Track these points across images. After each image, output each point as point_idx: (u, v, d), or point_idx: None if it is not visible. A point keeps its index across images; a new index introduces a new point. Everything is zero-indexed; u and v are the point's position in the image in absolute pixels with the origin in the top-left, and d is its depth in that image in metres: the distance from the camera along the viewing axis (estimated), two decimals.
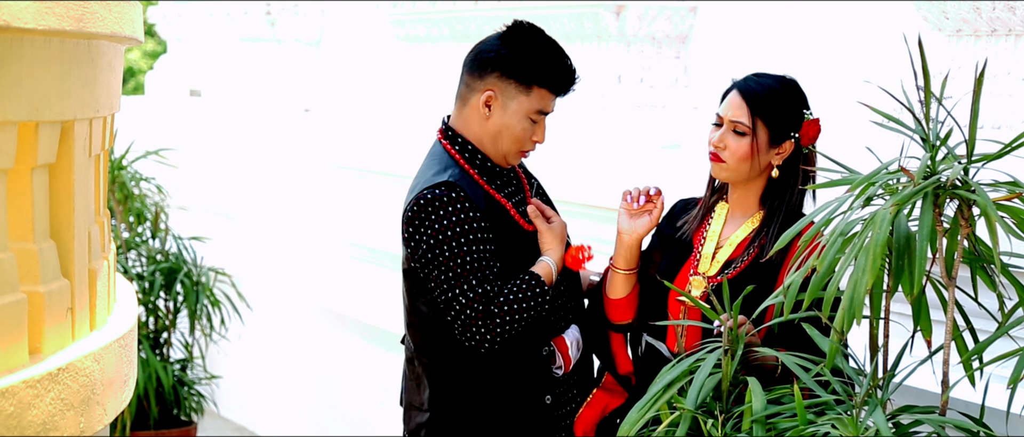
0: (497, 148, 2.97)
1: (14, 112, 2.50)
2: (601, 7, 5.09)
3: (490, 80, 2.93)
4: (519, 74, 2.91)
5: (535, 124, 2.96)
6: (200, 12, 8.77)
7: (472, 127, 2.97)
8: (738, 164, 2.88)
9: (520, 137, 2.95)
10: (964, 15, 3.73)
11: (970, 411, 2.59)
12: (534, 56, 2.92)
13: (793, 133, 2.87)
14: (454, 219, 2.87)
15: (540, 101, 2.94)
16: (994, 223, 2.27)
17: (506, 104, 2.93)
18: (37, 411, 2.47)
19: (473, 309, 2.85)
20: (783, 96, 2.87)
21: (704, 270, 2.92)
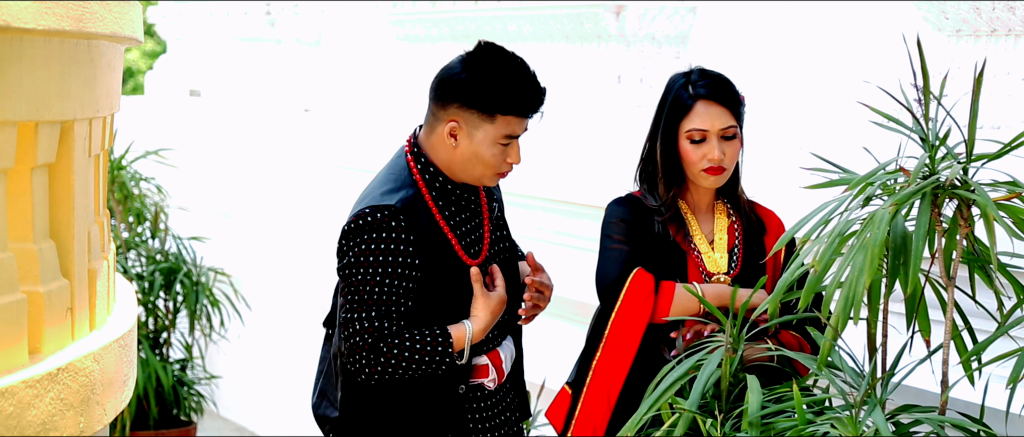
0: (469, 174, 2.91)
1: (14, 112, 2.50)
2: (601, 7, 5.09)
3: (452, 110, 2.86)
4: (480, 103, 2.83)
5: (506, 148, 2.88)
6: (200, 12, 8.77)
7: (440, 154, 2.91)
8: (733, 165, 2.96)
9: (492, 163, 2.89)
10: (964, 15, 3.73)
11: (969, 411, 2.59)
12: (494, 84, 2.83)
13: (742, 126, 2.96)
14: (383, 247, 2.82)
15: (506, 127, 2.86)
16: (993, 223, 2.27)
17: (471, 134, 2.86)
18: (37, 411, 2.47)
19: (362, 339, 2.82)
20: (733, 86, 2.96)
21: (716, 270, 2.94)
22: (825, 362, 2.47)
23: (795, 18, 4.49)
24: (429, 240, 2.88)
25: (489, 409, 3.04)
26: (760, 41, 4.61)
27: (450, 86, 2.86)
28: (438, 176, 2.92)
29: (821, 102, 4.25)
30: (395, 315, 2.83)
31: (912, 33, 3.61)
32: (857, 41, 4.21)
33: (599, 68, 5.26)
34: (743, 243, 2.95)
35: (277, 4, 7.81)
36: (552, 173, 5.12)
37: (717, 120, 2.90)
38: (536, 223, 5.12)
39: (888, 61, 3.86)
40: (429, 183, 2.92)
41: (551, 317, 5.05)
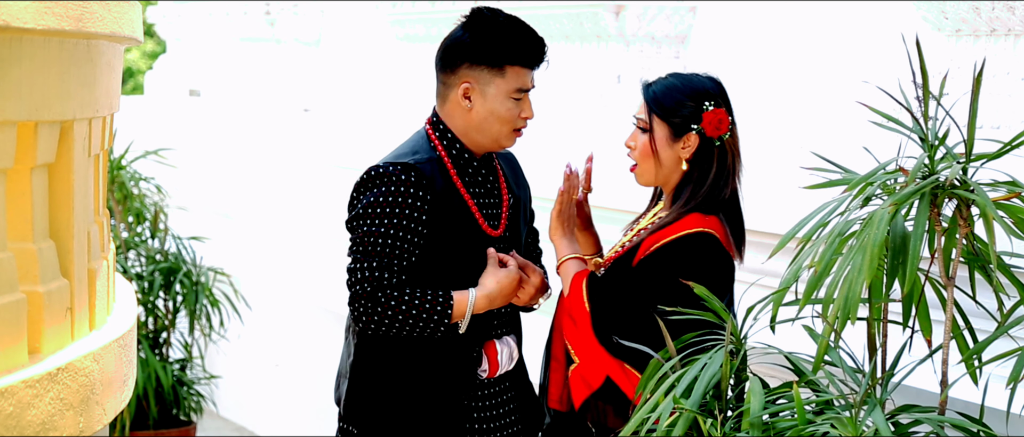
0: (487, 135, 2.97)
1: (13, 112, 2.50)
2: (601, 7, 5.09)
3: (462, 72, 2.94)
4: (489, 58, 2.92)
5: (519, 102, 2.96)
6: (200, 12, 8.78)
7: (456, 121, 2.99)
8: (643, 162, 2.94)
9: (507, 118, 2.96)
10: (963, 15, 3.73)
11: (969, 411, 2.59)
12: (498, 37, 2.92)
13: (693, 125, 2.88)
14: (391, 199, 2.88)
15: (516, 79, 2.94)
16: (992, 222, 2.27)
17: (484, 91, 2.94)
18: (36, 411, 2.47)
19: (362, 287, 2.88)
20: (680, 91, 2.91)
21: (609, 255, 3.01)
22: (820, 362, 2.47)
23: (795, 18, 4.49)
24: (448, 205, 2.94)
25: (485, 399, 3.05)
26: (760, 41, 4.61)
27: (456, 49, 2.95)
28: (456, 143, 2.99)
29: (821, 102, 4.25)
30: (396, 268, 2.88)
31: (912, 33, 3.61)
32: (857, 41, 4.21)
33: (599, 68, 5.26)
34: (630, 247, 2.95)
35: (277, 4, 7.81)
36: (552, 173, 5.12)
37: (638, 109, 2.96)
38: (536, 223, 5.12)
39: (888, 61, 3.86)
40: (448, 149, 2.99)
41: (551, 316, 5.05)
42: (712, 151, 2.90)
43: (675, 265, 2.81)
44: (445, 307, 2.91)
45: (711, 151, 2.90)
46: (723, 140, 2.90)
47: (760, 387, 2.49)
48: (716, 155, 2.90)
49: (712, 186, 2.89)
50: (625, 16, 5.05)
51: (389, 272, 2.88)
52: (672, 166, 2.92)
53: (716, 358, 2.57)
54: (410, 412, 2.99)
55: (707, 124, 2.88)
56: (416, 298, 2.89)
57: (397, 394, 2.99)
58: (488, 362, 3.04)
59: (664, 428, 2.53)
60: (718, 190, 2.90)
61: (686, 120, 2.89)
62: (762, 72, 4.54)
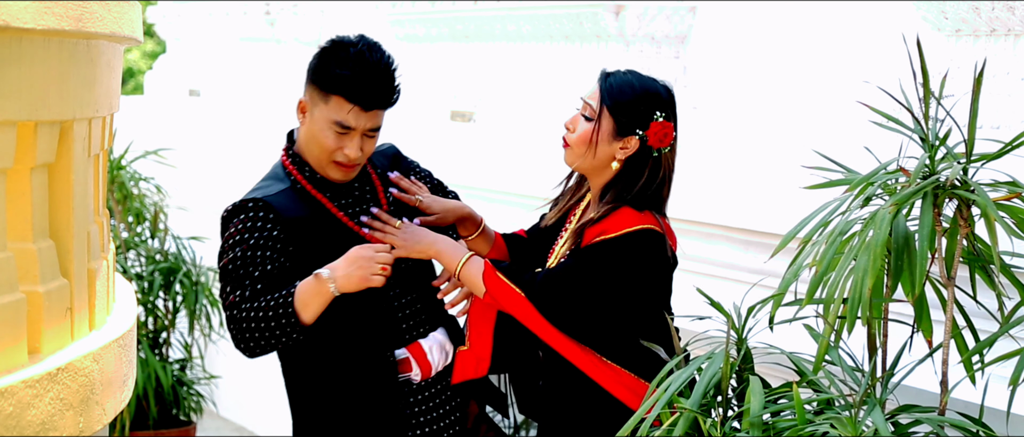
0: (311, 155, 2.98)
1: (13, 112, 2.50)
2: (601, 7, 5.09)
3: (306, 88, 2.96)
4: (321, 81, 2.90)
5: (341, 136, 2.91)
6: (200, 12, 8.77)
7: (301, 137, 3.01)
8: (578, 147, 2.93)
9: (325, 146, 2.92)
10: (963, 15, 3.73)
11: (969, 411, 2.59)
12: (335, 64, 2.87)
13: (639, 130, 2.88)
14: (244, 235, 2.91)
15: (338, 110, 2.88)
16: (993, 223, 2.26)
17: (313, 111, 2.93)
18: (36, 411, 2.47)
19: (228, 314, 2.92)
20: (637, 92, 2.91)
21: (559, 254, 2.99)
22: (821, 362, 2.47)
23: (795, 18, 4.49)
24: (314, 226, 2.94)
25: (425, 402, 3.04)
26: (760, 41, 4.61)
27: (309, 66, 2.96)
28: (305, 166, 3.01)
29: (821, 102, 4.25)
30: (248, 284, 2.88)
31: (912, 33, 3.61)
32: (857, 41, 4.21)
33: (599, 68, 5.26)
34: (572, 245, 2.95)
35: (277, 4, 7.81)
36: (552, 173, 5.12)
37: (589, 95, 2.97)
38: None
39: (888, 61, 3.86)
40: (300, 170, 3.00)
41: None
42: (647, 159, 2.90)
43: (622, 261, 2.81)
44: (287, 302, 2.85)
45: (646, 159, 2.90)
46: (662, 153, 2.90)
47: (760, 387, 2.49)
48: (650, 164, 2.89)
49: (643, 188, 2.89)
50: (625, 16, 5.05)
51: (243, 289, 2.89)
52: (604, 161, 2.91)
53: (716, 358, 2.57)
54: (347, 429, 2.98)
55: (652, 133, 2.88)
56: (263, 302, 2.88)
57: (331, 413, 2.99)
58: (419, 365, 3.01)
59: (665, 428, 2.53)
60: (647, 192, 2.89)
61: (633, 122, 2.89)
62: (762, 72, 4.54)
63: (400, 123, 6.48)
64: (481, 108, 5.94)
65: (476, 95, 6.01)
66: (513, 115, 5.70)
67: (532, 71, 5.59)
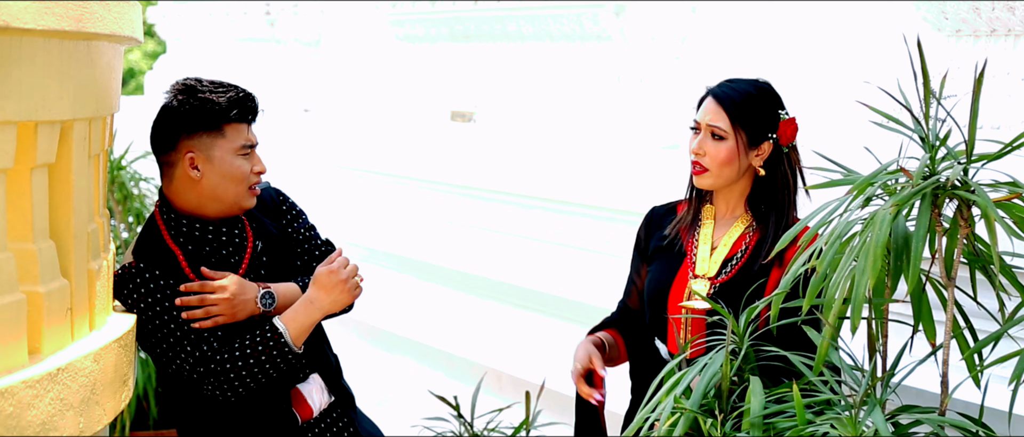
0: (224, 201, 2.97)
1: (13, 112, 2.50)
2: (601, 7, 5.09)
3: (183, 144, 2.95)
4: (203, 123, 2.93)
5: (248, 158, 2.96)
6: (200, 12, 8.78)
7: (188, 196, 2.98)
8: (719, 170, 2.91)
9: (240, 176, 2.96)
10: (963, 15, 3.73)
11: (969, 411, 2.59)
12: (206, 101, 2.93)
13: (771, 134, 2.91)
14: (152, 289, 2.93)
15: (237, 135, 2.95)
16: (994, 223, 2.26)
17: (210, 155, 2.94)
18: (36, 411, 2.47)
19: (200, 369, 2.91)
20: (758, 99, 2.93)
21: (703, 272, 2.93)
22: (822, 362, 2.47)
23: (795, 18, 4.49)
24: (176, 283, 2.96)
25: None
26: (760, 41, 4.61)
27: (169, 124, 2.97)
28: (188, 221, 2.99)
29: (822, 102, 4.25)
30: (198, 338, 2.91)
31: (912, 33, 3.61)
32: (857, 41, 4.21)
33: (599, 68, 5.26)
34: (751, 254, 2.92)
35: (277, 4, 7.81)
36: (552, 173, 5.12)
37: (708, 115, 2.92)
38: (536, 223, 5.11)
39: (888, 61, 3.86)
40: (174, 227, 3.00)
41: (551, 317, 5.05)
42: (781, 157, 2.93)
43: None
44: (278, 341, 2.91)
45: (780, 158, 2.93)
46: (792, 147, 2.94)
47: (760, 387, 2.49)
48: (785, 161, 2.93)
49: (792, 189, 2.93)
50: (625, 16, 5.05)
51: (204, 343, 2.90)
52: (741, 173, 2.93)
53: (716, 358, 2.57)
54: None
55: (782, 133, 2.92)
56: (247, 347, 2.91)
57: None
58: (297, 408, 3.03)
59: (665, 428, 2.53)
60: (792, 191, 2.94)
61: (764, 128, 2.91)
62: (762, 72, 4.54)
63: (400, 123, 6.48)
64: (481, 108, 5.94)
65: (476, 95, 6.01)
66: (513, 115, 5.69)
67: (532, 71, 5.59)
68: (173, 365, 2.95)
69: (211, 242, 3.01)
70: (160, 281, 2.94)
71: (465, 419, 3.59)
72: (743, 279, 2.90)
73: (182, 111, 2.94)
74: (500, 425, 3.67)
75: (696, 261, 2.96)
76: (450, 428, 3.56)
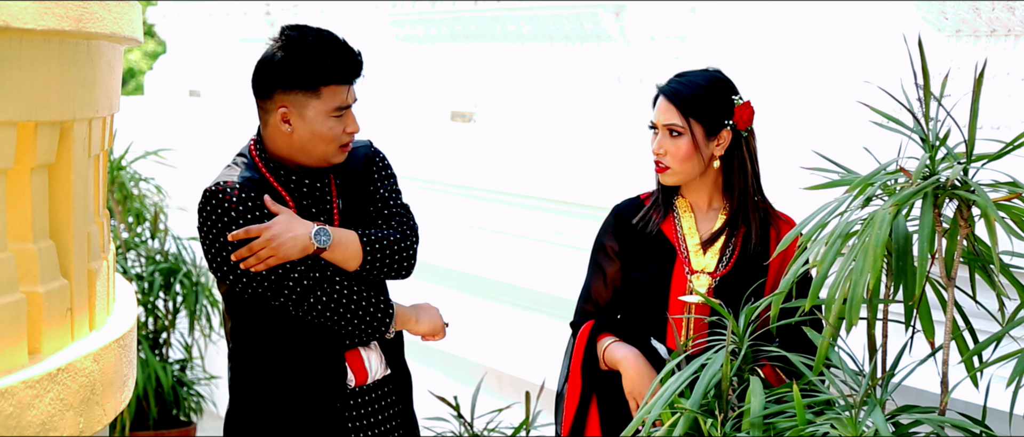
0: (313, 155, 2.94)
1: (13, 112, 2.50)
2: (601, 7, 5.09)
3: (277, 98, 2.89)
4: (300, 82, 2.87)
5: (340, 119, 2.93)
6: (199, 12, 8.78)
7: (280, 144, 2.95)
8: (681, 165, 2.92)
9: (331, 137, 2.92)
10: (963, 15, 3.73)
11: (970, 411, 2.59)
12: (308, 59, 2.87)
13: (727, 121, 2.93)
14: (243, 207, 2.86)
15: (333, 98, 2.90)
16: (994, 223, 2.26)
17: (303, 113, 2.89)
18: (36, 411, 2.47)
19: (309, 280, 2.87)
20: (709, 89, 2.94)
21: (701, 267, 2.94)
22: (821, 362, 2.47)
23: (795, 18, 4.49)
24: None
25: (356, 409, 3.04)
26: (760, 41, 4.61)
27: (267, 75, 2.90)
28: (280, 166, 2.96)
29: (822, 102, 4.25)
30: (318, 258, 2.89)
31: (912, 33, 3.61)
32: (857, 41, 4.21)
33: (599, 68, 5.26)
34: (741, 244, 2.94)
35: (277, 4, 7.81)
36: (552, 173, 5.12)
37: (662, 114, 2.94)
38: (536, 223, 5.12)
39: (888, 61, 3.86)
40: (273, 171, 2.96)
41: (551, 317, 5.05)
42: (740, 144, 2.96)
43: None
44: (386, 315, 2.95)
45: (739, 144, 2.96)
46: (750, 131, 2.96)
47: (760, 387, 2.49)
48: (744, 146, 2.96)
49: (753, 172, 2.96)
50: (625, 16, 5.05)
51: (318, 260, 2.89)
52: (706, 165, 2.94)
53: (716, 358, 2.57)
54: (285, 420, 2.98)
55: (738, 118, 2.94)
56: (364, 295, 2.93)
57: (271, 404, 2.98)
58: (353, 371, 3.01)
59: (665, 428, 2.53)
60: (757, 173, 2.97)
61: (719, 116, 2.93)
62: (762, 72, 4.54)
63: (400, 123, 6.48)
64: (481, 108, 5.95)
65: (476, 95, 6.01)
66: (513, 115, 5.70)
67: (532, 71, 5.59)
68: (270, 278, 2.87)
69: (296, 189, 2.98)
70: (255, 206, 2.88)
71: (465, 419, 3.59)
72: (741, 270, 2.91)
73: (281, 65, 2.88)
74: (500, 425, 3.67)
75: (690, 257, 2.96)
76: (450, 428, 3.56)
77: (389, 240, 2.99)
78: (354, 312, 2.91)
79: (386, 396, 3.10)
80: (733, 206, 2.96)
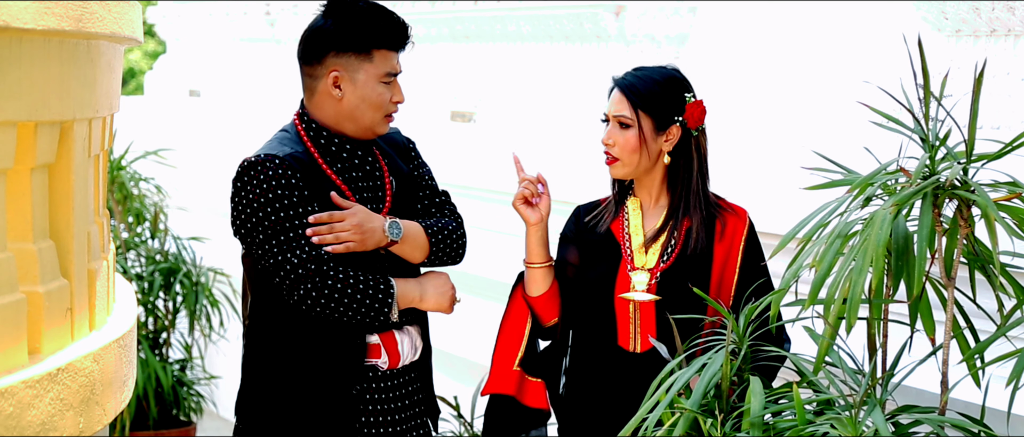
0: (360, 123, 2.96)
1: (13, 112, 2.50)
2: (601, 7, 5.09)
3: (329, 62, 2.92)
4: (355, 44, 2.91)
5: (389, 86, 2.97)
6: (200, 12, 8.78)
7: (327, 111, 2.96)
8: (629, 157, 2.94)
9: (379, 103, 2.96)
10: (963, 15, 3.73)
11: (969, 411, 2.59)
12: (362, 22, 2.92)
13: (677, 117, 2.94)
14: (283, 182, 2.85)
15: (385, 63, 2.96)
16: (994, 223, 2.26)
17: (354, 78, 2.93)
18: (36, 411, 2.47)
19: (304, 269, 2.84)
20: (662, 84, 2.95)
21: (642, 264, 2.96)
22: (821, 362, 2.47)
23: (795, 18, 4.49)
24: (322, 196, 2.91)
25: (383, 393, 3.03)
26: (760, 41, 4.61)
27: (320, 39, 2.93)
28: (323, 132, 2.96)
29: (822, 102, 4.25)
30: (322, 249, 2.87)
31: (912, 33, 3.61)
32: (857, 41, 4.21)
33: (599, 68, 5.26)
34: (682, 239, 2.95)
35: (277, 4, 7.81)
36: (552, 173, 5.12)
37: (614, 106, 2.96)
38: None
39: (888, 61, 3.86)
40: (316, 142, 2.96)
41: None
42: (690, 141, 2.96)
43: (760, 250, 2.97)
44: (386, 296, 2.90)
45: (689, 142, 2.96)
46: (700, 130, 2.97)
47: (760, 387, 2.49)
48: (693, 144, 2.96)
49: (700, 169, 2.97)
50: (625, 16, 5.05)
51: (318, 250, 2.86)
52: (654, 159, 2.96)
53: (716, 358, 2.57)
54: (299, 402, 2.96)
55: (689, 115, 2.94)
56: (360, 281, 2.88)
57: (285, 384, 2.97)
58: (388, 353, 3.01)
59: (665, 428, 2.53)
60: (705, 171, 2.98)
61: (669, 112, 2.94)
62: (762, 72, 4.54)
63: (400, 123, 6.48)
64: (481, 108, 5.95)
65: (476, 95, 6.01)
66: (513, 115, 5.70)
67: (532, 71, 5.60)
68: (272, 260, 2.87)
69: (347, 159, 2.99)
70: (297, 178, 2.87)
71: (465, 419, 3.59)
72: (682, 265, 2.93)
73: (335, 28, 2.92)
74: None
75: (632, 254, 2.97)
76: (450, 428, 3.56)
77: (449, 230, 3.07)
78: (347, 303, 2.87)
79: (412, 383, 3.10)
80: (674, 201, 2.97)
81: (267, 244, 2.87)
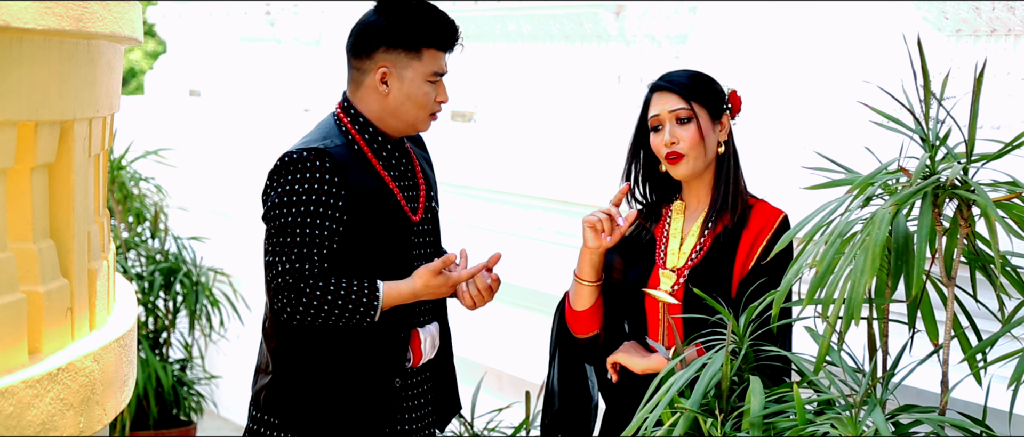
0: (404, 120, 2.97)
1: (13, 112, 2.50)
2: (601, 7, 5.09)
3: (378, 57, 2.94)
4: (405, 41, 2.92)
5: (435, 86, 2.97)
6: (200, 12, 8.78)
7: (371, 106, 2.97)
8: (695, 151, 2.90)
9: (424, 102, 2.96)
10: (964, 15, 3.73)
11: (970, 411, 2.59)
12: (414, 20, 2.93)
13: (725, 106, 2.96)
14: (306, 187, 2.87)
15: (433, 62, 2.95)
16: (994, 223, 2.27)
17: (401, 75, 2.93)
18: (37, 411, 2.47)
19: (283, 280, 2.85)
20: (701, 77, 2.96)
21: (672, 265, 2.95)
22: (822, 362, 2.47)
23: (795, 18, 4.49)
24: (366, 190, 2.93)
25: (409, 388, 3.04)
26: (760, 41, 4.61)
27: (371, 34, 2.94)
28: (369, 127, 2.98)
29: (821, 102, 4.25)
30: (317, 258, 2.86)
31: (912, 33, 3.61)
32: (857, 41, 4.21)
33: (599, 68, 5.26)
34: (712, 236, 2.94)
35: (277, 4, 7.81)
36: (552, 173, 5.12)
37: (668, 103, 2.93)
38: (536, 223, 5.12)
39: (888, 61, 3.86)
40: (362, 133, 2.98)
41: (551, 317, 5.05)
42: (731, 137, 2.98)
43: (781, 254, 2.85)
44: (371, 298, 2.89)
45: (731, 137, 2.98)
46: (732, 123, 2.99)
47: (760, 387, 2.49)
48: (730, 136, 2.98)
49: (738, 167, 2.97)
50: (625, 16, 5.05)
51: (309, 262, 2.86)
52: (711, 155, 2.95)
53: (716, 358, 2.57)
54: (340, 398, 2.96)
55: (733, 103, 2.97)
56: (341, 288, 2.88)
57: (325, 381, 2.96)
58: (411, 351, 3.02)
59: (665, 428, 2.53)
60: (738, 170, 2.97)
61: (719, 102, 2.95)
62: (762, 72, 4.54)
63: None
64: (481, 108, 5.95)
65: (476, 95, 6.01)
66: (513, 115, 5.70)
67: (532, 71, 5.60)
68: (266, 259, 2.90)
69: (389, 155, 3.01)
70: (332, 183, 2.88)
71: (465, 419, 3.59)
72: (711, 262, 2.91)
73: (387, 24, 2.93)
74: (500, 425, 3.68)
75: (666, 256, 2.97)
76: (450, 428, 3.56)
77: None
78: (328, 312, 2.87)
79: (430, 380, 3.11)
80: (715, 200, 2.95)
81: (269, 243, 2.89)
